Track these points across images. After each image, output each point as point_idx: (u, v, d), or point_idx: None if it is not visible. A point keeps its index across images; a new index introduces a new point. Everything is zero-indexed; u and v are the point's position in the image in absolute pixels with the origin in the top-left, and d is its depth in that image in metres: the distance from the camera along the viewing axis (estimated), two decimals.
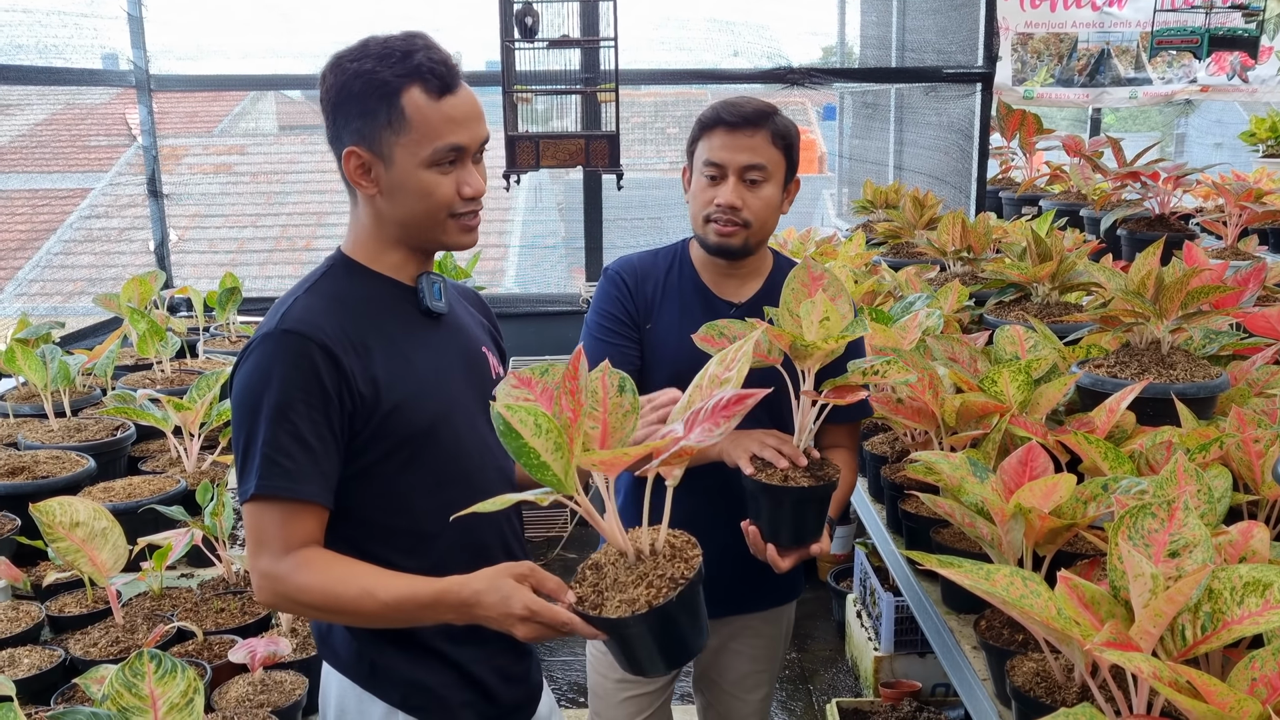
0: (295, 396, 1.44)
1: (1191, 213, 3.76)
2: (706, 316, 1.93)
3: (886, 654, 3.54)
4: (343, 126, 1.51)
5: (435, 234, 1.56)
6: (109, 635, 2.02)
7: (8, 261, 6.17)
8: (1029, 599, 1.27)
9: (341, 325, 1.50)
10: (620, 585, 1.38)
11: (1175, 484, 1.46)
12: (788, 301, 1.80)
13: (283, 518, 1.45)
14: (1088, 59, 4.96)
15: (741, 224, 2.00)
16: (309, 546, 1.47)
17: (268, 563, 1.46)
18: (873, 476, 2.52)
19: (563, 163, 4.29)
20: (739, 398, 1.35)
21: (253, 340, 1.50)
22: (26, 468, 2.57)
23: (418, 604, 1.44)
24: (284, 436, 1.44)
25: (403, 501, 1.56)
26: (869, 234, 3.87)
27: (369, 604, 1.44)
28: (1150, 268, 2.04)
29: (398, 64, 1.47)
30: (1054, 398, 1.96)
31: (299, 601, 1.47)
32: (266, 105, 10.78)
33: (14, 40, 3.92)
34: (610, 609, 1.35)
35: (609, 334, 2.10)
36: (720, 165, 1.99)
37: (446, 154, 1.50)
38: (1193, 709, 1.07)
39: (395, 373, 1.53)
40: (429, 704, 1.59)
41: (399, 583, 1.45)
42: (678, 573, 1.36)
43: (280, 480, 1.44)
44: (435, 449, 1.57)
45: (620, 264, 2.16)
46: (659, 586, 1.35)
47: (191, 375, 3.40)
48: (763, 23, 5.35)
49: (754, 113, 1.99)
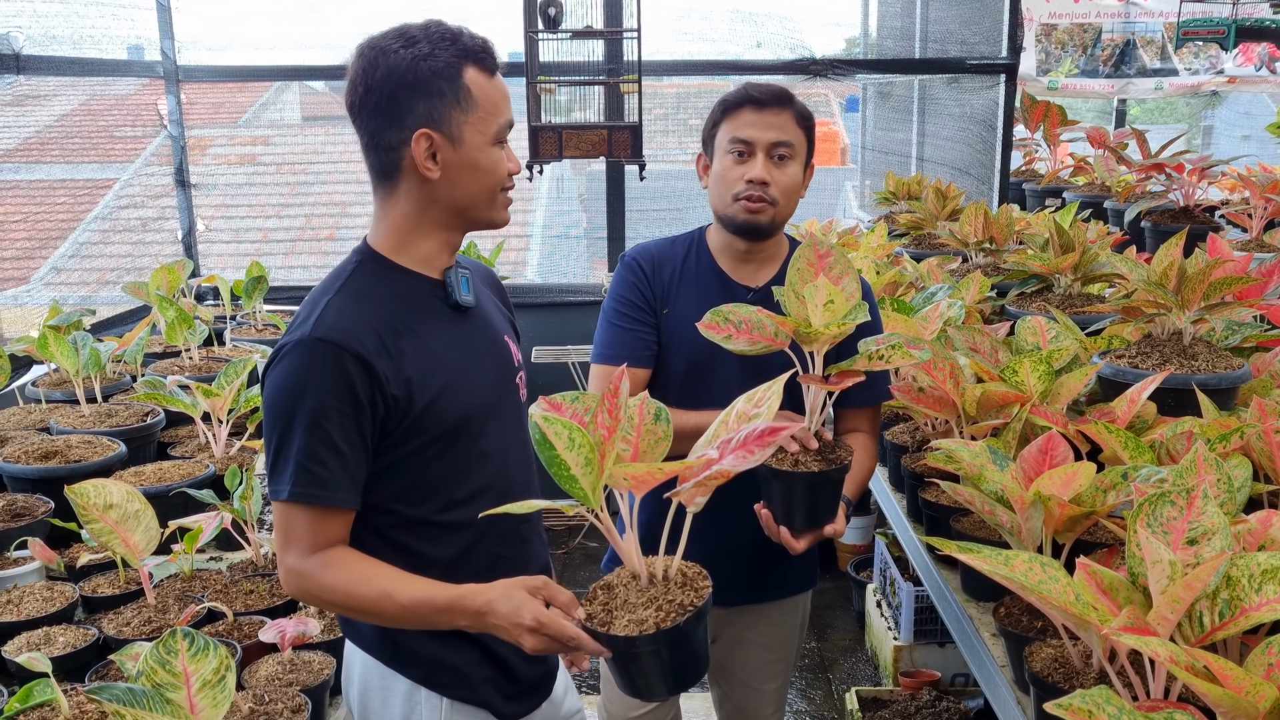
0: (329, 404, 1.47)
1: (1217, 205, 3.74)
2: (724, 301, 1.94)
3: (906, 643, 3.55)
4: (405, 112, 1.50)
5: (489, 210, 1.60)
6: (141, 615, 2.06)
7: (40, 250, 6.24)
8: (1047, 584, 1.28)
9: (374, 328, 1.51)
10: (630, 606, 1.41)
11: (1195, 473, 1.46)
12: (793, 283, 1.80)
13: (312, 521, 1.49)
14: (1113, 50, 4.94)
15: (769, 201, 2.01)
16: (335, 547, 1.51)
17: (294, 559, 1.50)
18: (893, 465, 2.53)
19: (585, 153, 4.30)
20: (772, 430, 1.39)
21: (286, 343, 1.51)
22: (59, 452, 2.62)
23: (434, 608, 1.48)
24: (317, 444, 1.47)
25: (430, 492, 1.59)
26: (891, 225, 3.88)
27: (387, 605, 1.48)
28: (1173, 259, 2.04)
29: (452, 46, 1.50)
30: (1075, 388, 1.97)
31: (321, 598, 1.52)
32: (291, 96, 10.84)
33: (49, 31, 3.97)
34: (618, 627, 1.38)
35: (625, 319, 2.11)
36: (749, 142, 2.00)
37: (506, 129, 1.56)
38: (1209, 693, 1.08)
39: (427, 370, 1.55)
40: (451, 680, 1.62)
41: (416, 586, 1.49)
42: (688, 600, 1.40)
43: (313, 488, 1.47)
44: (464, 441, 1.59)
45: (637, 250, 2.18)
46: (668, 611, 1.38)
47: (219, 362, 3.45)
48: (785, 14, 5.34)
49: (781, 92, 2.03)
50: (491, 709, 1.65)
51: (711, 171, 2.08)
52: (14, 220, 5.94)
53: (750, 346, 1.77)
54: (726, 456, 1.37)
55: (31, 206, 6.40)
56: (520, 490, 1.71)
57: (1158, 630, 1.19)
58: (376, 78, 1.50)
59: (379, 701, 1.66)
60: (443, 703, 1.63)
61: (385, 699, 1.66)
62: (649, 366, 2.10)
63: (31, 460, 2.56)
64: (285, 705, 1.76)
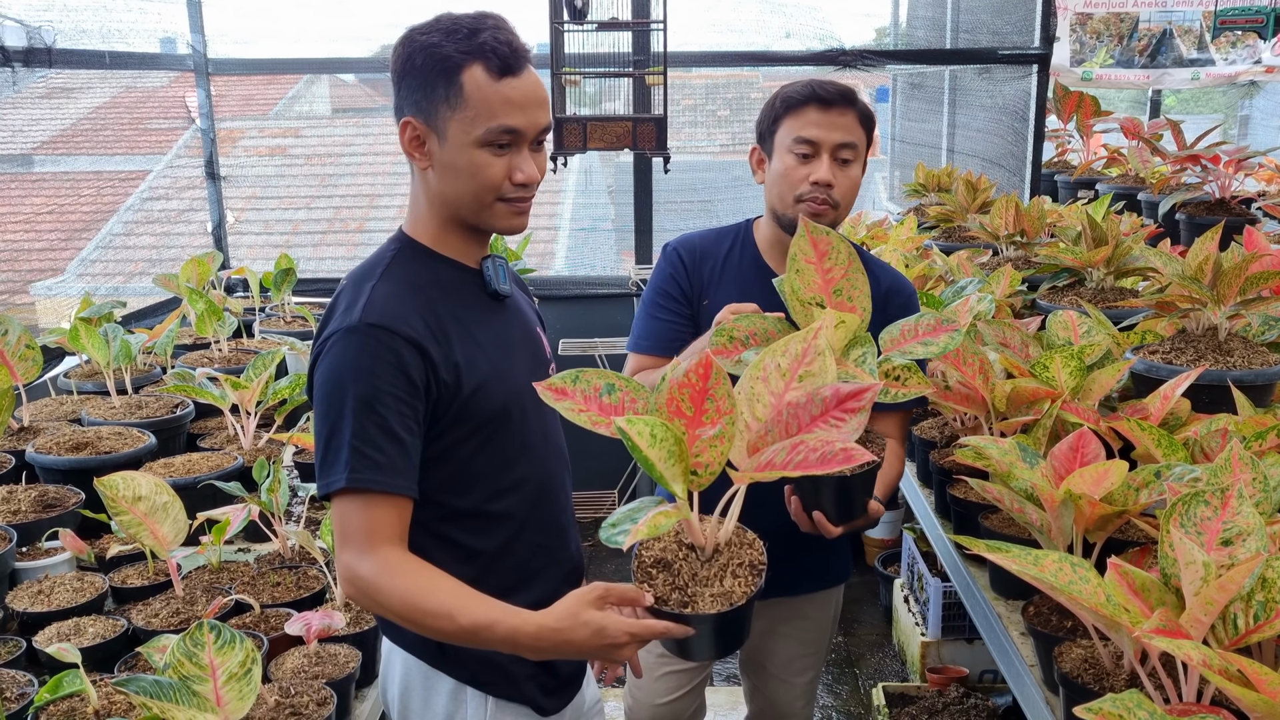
0: (383, 389, 1.43)
1: (1253, 197, 3.68)
2: (765, 295, 1.92)
3: (933, 639, 3.53)
4: (404, 98, 1.51)
5: (481, 215, 1.55)
6: (169, 606, 2.07)
7: (72, 242, 6.31)
8: (1078, 585, 1.26)
9: (422, 314, 1.50)
10: (703, 580, 1.40)
11: (1230, 472, 1.44)
12: (795, 288, 1.71)
13: (367, 512, 1.44)
14: (1149, 39, 4.86)
15: (832, 204, 1.99)
16: (393, 546, 1.46)
17: (351, 559, 1.45)
18: (921, 461, 2.51)
19: (610, 145, 4.29)
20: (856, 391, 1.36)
21: (333, 332, 1.49)
22: (90, 443, 2.64)
23: (495, 637, 1.43)
24: (372, 429, 1.43)
25: (474, 483, 1.58)
26: (921, 218, 3.84)
27: (446, 624, 1.43)
28: (1208, 252, 2.00)
29: (463, 40, 1.47)
30: (1107, 384, 1.94)
31: (380, 605, 1.46)
32: (320, 89, 10.89)
33: (79, 25, 4.00)
34: (705, 604, 1.37)
35: (660, 309, 2.11)
36: (814, 143, 1.98)
37: (499, 135, 1.48)
38: (1243, 698, 1.06)
39: (471, 357, 1.54)
40: (497, 679, 1.62)
41: (479, 609, 1.43)
42: (754, 559, 1.39)
43: (370, 473, 1.43)
44: (506, 430, 1.59)
45: (680, 241, 2.17)
46: (742, 576, 1.38)
47: (248, 354, 3.47)
48: (814, 4, 5.29)
49: (848, 91, 2.00)
50: (534, 705, 1.65)
51: (770, 168, 2.06)
52: (46, 212, 6.01)
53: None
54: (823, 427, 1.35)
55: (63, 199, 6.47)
56: (559, 480, 1.71)
57: (1190, 633, 1.17)
58: (394, 60, 1.53)
59: (420, 701, 1.66)
60: (488, 701, 1.62)
61: (427, 698, 1.65)
62: None
63: (63, 451, 2.59)
64: (311, 698, 1.76)
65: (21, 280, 5.16)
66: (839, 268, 1.71)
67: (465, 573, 1.55)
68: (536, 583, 1.65)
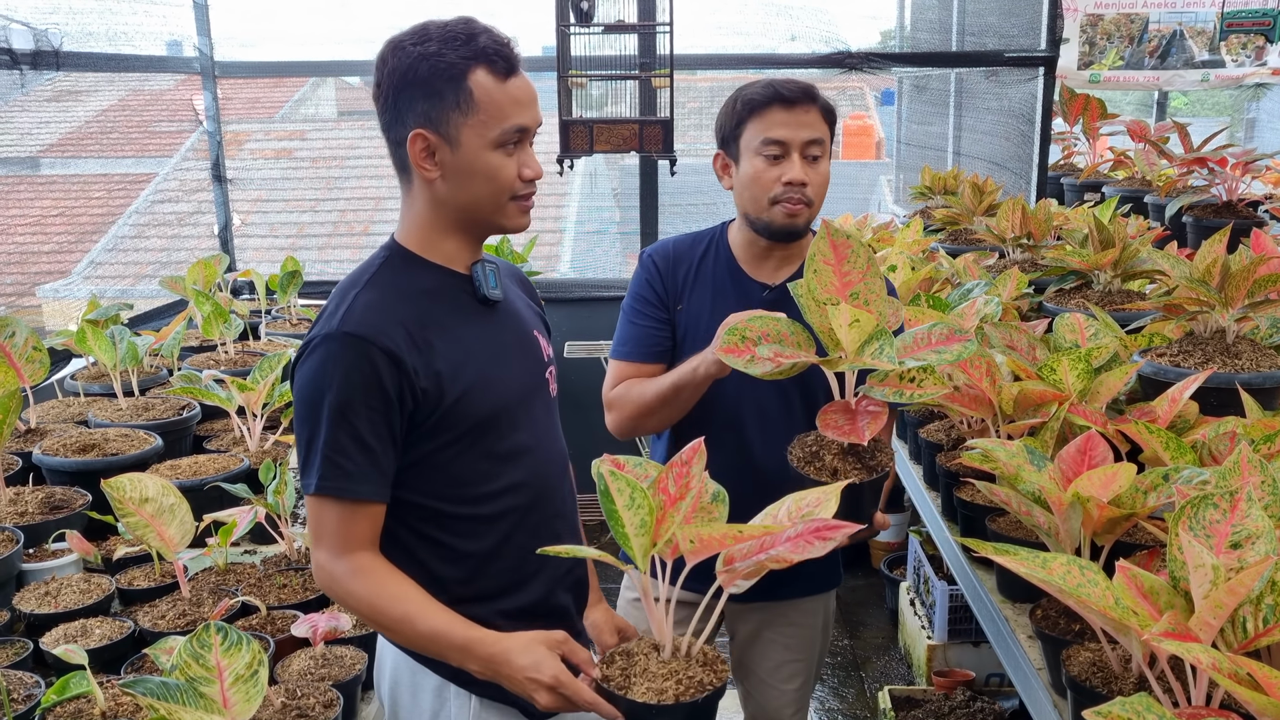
0: (355, 398, 1.47)
1: (1261, 200, 3.66)
2: (738, 298, 1.93)
3: (940, 642, 3.52)
4: (406, 110, 1.51)
5: (496, 216, 1.57)
6: (176, 608, 2.07)
7: (79, 244, 6.33)
8: (1086, 588, 1.26)
9: (403, 322, 1.51)
10: (650, 675, 1.43)
11: (1238, 475, 1.43)
12: (812, 288, 1.69)
13: (340, 515, 1.51)
14: (1159, 40, 4.84)
15: (806, 202, 1.98)
16: (365, 550, 1.52)
17: (325, 557, 1.52)
18: (928, 464, 2.50)
19: (616, 147, 4.29)
20: (832, 526, 1.39)
21: (314, 337, 1.52)
22: (97, 445, 2.65)
23: (449, 644, 1.49)
24: (344, 438, 1.48)
25: (462, 487, 1.58)
26: (927, 220, 3.84)
27: (406, 629, 1.51)
28: (1216, 255, 2.00)
29: (463, 46, 1.48)
30: (1115, 386, 1.94)
31: (346, 603, 1.54)
32: (326, 91, 10.92)
33: (85, 28, 4.02)
34: (637, 693, 1.40)
35: (639, 315, 2.14)
36: (783, 142, 1.96)
37: (512, 135, 1.51)
38: (1253, 701, 1.05)
39: (457, 364, 1.54)
40: (478, 679, 1.62)
41: (438, 619, 1.50)
42: (707, 680, 1.42)
43: (340, 481, 1.49)
44: (495, 435, 1.59)
45: (655, 247, 2.19)
46: (687, 686, 1.40)
47: (254, 356, 3.47)
48: (820, 6, 5.29)
49: (809, 88, 2.00)
50: (519, 707, 1.65)
51: (738, 172, 2.04)
52: (54, 215, 6.03)
53: (776, 370, 1.66)
54: (781, 545, 1.38)
55: (70, 201, 6.48)
56: (555, 485, 1.71)
57: (1199, 636, 1.16)
58: (386, 74, 1.52)
59: (408, 696, 1.67)
60: (471, 699, 1.63)
61: (415, 694, 1.66)
62: (662, 362, 2.11)
63: (70, 453, 2.59)
64: (317, 700, 1.76)
65: (29, 282, 5.17)
66: (857, 271, 1.69)
67: (455, 574, 1.57)
68: (531, 586, 1.66)
